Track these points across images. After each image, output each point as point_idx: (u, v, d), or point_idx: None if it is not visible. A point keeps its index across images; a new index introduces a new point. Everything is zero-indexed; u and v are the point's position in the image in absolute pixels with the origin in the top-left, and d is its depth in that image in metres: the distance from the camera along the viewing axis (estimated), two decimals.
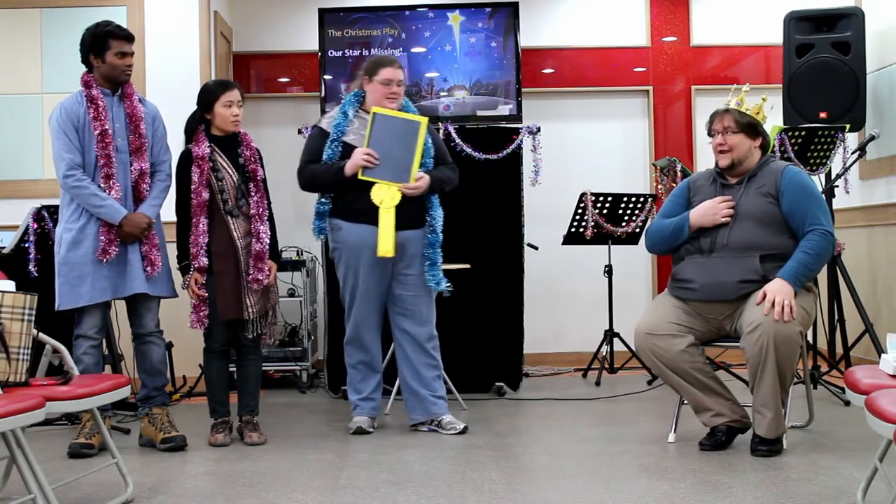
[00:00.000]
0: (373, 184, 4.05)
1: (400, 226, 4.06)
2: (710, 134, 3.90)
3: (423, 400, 4.24)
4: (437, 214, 4.21)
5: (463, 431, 4.16)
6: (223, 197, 4.04)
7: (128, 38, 4.01)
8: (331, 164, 4.13)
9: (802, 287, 3.67)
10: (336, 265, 4.29)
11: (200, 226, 3.99)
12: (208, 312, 4.04)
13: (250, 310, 4.05)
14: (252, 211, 4.07)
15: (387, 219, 4.01)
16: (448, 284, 4.26)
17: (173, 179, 4.11)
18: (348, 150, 4.12)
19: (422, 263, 4.18)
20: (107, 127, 3.90)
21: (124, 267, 3.93)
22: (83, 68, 4.02)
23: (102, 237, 3.87)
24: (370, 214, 4.05)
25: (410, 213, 4.11)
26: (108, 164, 3.89)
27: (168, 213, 4.13)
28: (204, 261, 3.99)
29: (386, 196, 4.04)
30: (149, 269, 3.95)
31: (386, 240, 4.00)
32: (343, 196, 4.14)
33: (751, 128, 3.81)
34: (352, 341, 4.29)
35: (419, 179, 4.08)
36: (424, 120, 4.15)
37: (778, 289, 3.54)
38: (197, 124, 4.10)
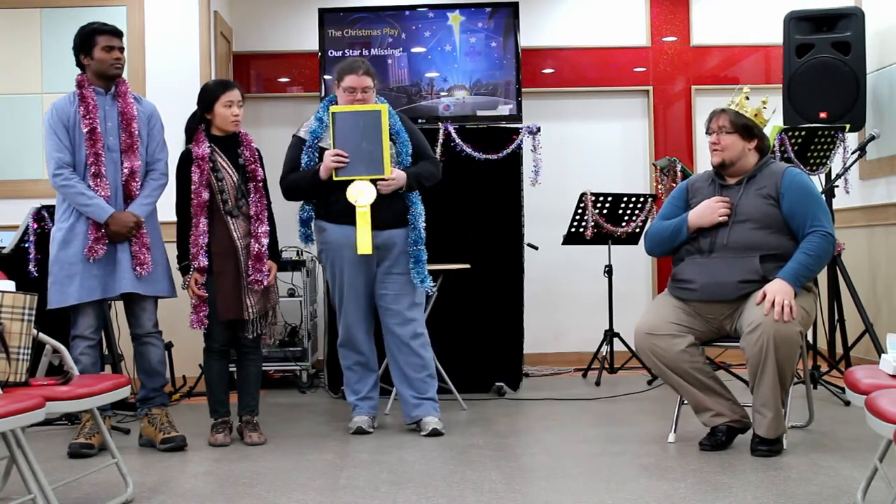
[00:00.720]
0: (350, 183, 4.06)
1: (382, 225, 4.08)
2: (708, 133, 3.91)
3: (406, 403, 4.26)
4: (419, 211, 4.20)
5: (432, 434, 4.14)
6: (223, 197, 4.04)
7: (113, 32, 4.01)
8: (306, 170, 4.14)
9: (802, 287, 3.67)
10: (324, 267, 4.32)
11: (200, 226, 3.99)
12: (208, 312, 4.04)
13: (250, 310, 4.05)
14: (252, 211, 4.07)
15: (363, 217, 4.02)
16: (433, 283, 4.25)
17: (169, 178, 4.11)
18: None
19: (406, 261, 4.19)
20: (95, 125, 3.90)
21: (114, 266, 3.92)
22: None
23: (90, 236, 3.87)
24: (351, 214, 4.06)
25: (392, 212, 4.12)
26: (97, 162, 3.89)
27: (168, 212, 4.13)
28: (204, 261, 3.99)
29: (360, 195, 4.04)
30: (138, 268, 3.92)
31: (363, 237, 4.01)
32: (325, 199, 4.15)
33: (746, 129, 3.81)
34: (345, 343, 4.30)
35: (393, 173, 4.07)
36: (384, 107, 4.11)
37: (778, 289, 3.54)
38: (197, 124, 4.10)
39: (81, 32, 4.01)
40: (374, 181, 4.05)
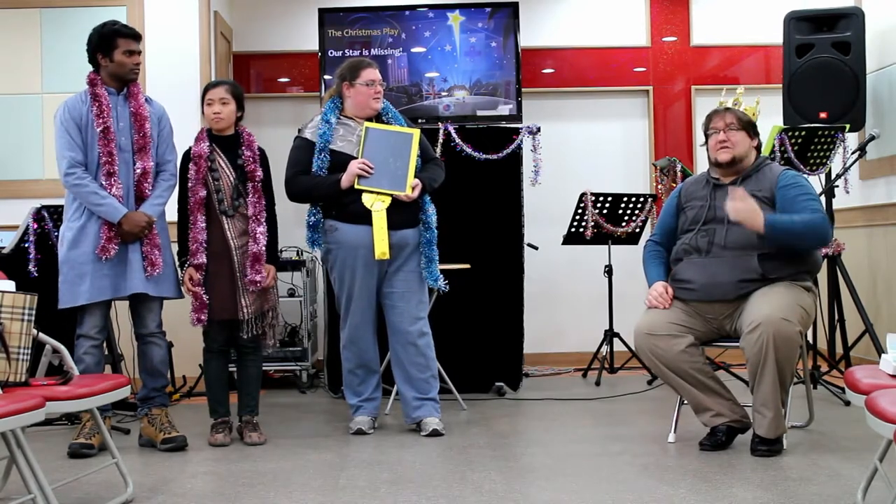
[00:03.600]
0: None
1: (395, 225, 4.09)
2: (706, 133, 3.91)
3: (408, 404, 4.25)
4: (431, 211, 4.23)
5: (433, 434, 4.14)
6: (218, 196, 4.05)
7: (135, 36, 4.02)
8: (324, 177, 4.13)
9: (801, 287, 3.68)
10: (330, 268, 4.28)
11: (198, 224, 4.00)
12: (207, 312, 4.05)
13: (245, 310, 4.05)
14: (250, 212, 4.07)
15: (380, 223, 4.04)
16: (446, 282, 4.26)
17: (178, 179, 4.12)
18: (337, 157, 4.13)
19: (418, 261, 4.19)
20: (109, 124, 3.91)
21: (124, 266, 3.92)
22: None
23: (103, 235, 3.87)
24: (367, 216, 4.07)
25: (404, 212, 4.13)
26: (110, 161, 3.89)
27: (172, 212, 4.13)
28: (202, 258, 3.99)
29: (376, 199, 4.07)
30: (149, 268, 3.93)
31: (382, 243, 4.03)
32: (338, 200, 4.14)
33: (751, 127, 3.85)
34: (349, 345, 4.28)
35: (414, 187, 4.10)
36: (417, 132, 4.17)
37: (753, 208, 3.57)
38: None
39: (102, 32, 3.99)
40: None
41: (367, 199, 4.08)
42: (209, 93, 4.09)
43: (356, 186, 4.08)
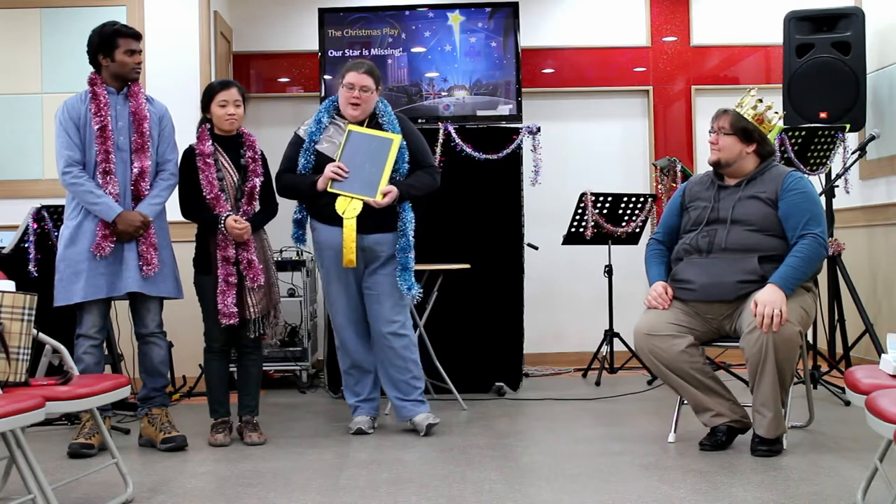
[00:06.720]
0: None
1: (369, 229, 4.10)
2: (710, 131, 3.91)
3: (394, 404, 4.28)
4: (408, 218, 4.20)
5: (428, 429, 4.14)
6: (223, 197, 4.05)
7: (135, 35, 4.03)
8: (305, 176, 4.16)
9: (802, 287, 3.67)
10: (318, 266, 4.34)
11: (222, 205, 4.00)
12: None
13: (252, 309, 4.05)
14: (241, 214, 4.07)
15: (349, 231, 4.04)
16: (419, 289, 4.24)
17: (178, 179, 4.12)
18: (321, 158, 4.15)
19: (393, 264, 4.19)
20: (106, 123, 3.91)
21: (120, 265, 3.92)
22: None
23: (98, 233, 3.87)
24: (340, 219, 4.09)
25: (381, 217, 4.13)
26: (107, 160, 3.89)
27: (178, 213, 4.13)
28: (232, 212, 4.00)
29: (348, 207, 4.07)
30: (145, 268, 3.92)
31: (349, 251, 4.04)
32: (316, 201, 4.16)
33: (745, 132, 3.80)
34: (340, 346, 4.33)
35: (386, 194, 4.09)
36: (397, 137, 4.16)
37: (768, 299, 3.52)
38: (202, 123, 4.13)
39: (102, 32, 4.00)
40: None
41: (339, 204, 4.09)
42: (223, 93, 4.08)
43: (328, 189, 4.10)
